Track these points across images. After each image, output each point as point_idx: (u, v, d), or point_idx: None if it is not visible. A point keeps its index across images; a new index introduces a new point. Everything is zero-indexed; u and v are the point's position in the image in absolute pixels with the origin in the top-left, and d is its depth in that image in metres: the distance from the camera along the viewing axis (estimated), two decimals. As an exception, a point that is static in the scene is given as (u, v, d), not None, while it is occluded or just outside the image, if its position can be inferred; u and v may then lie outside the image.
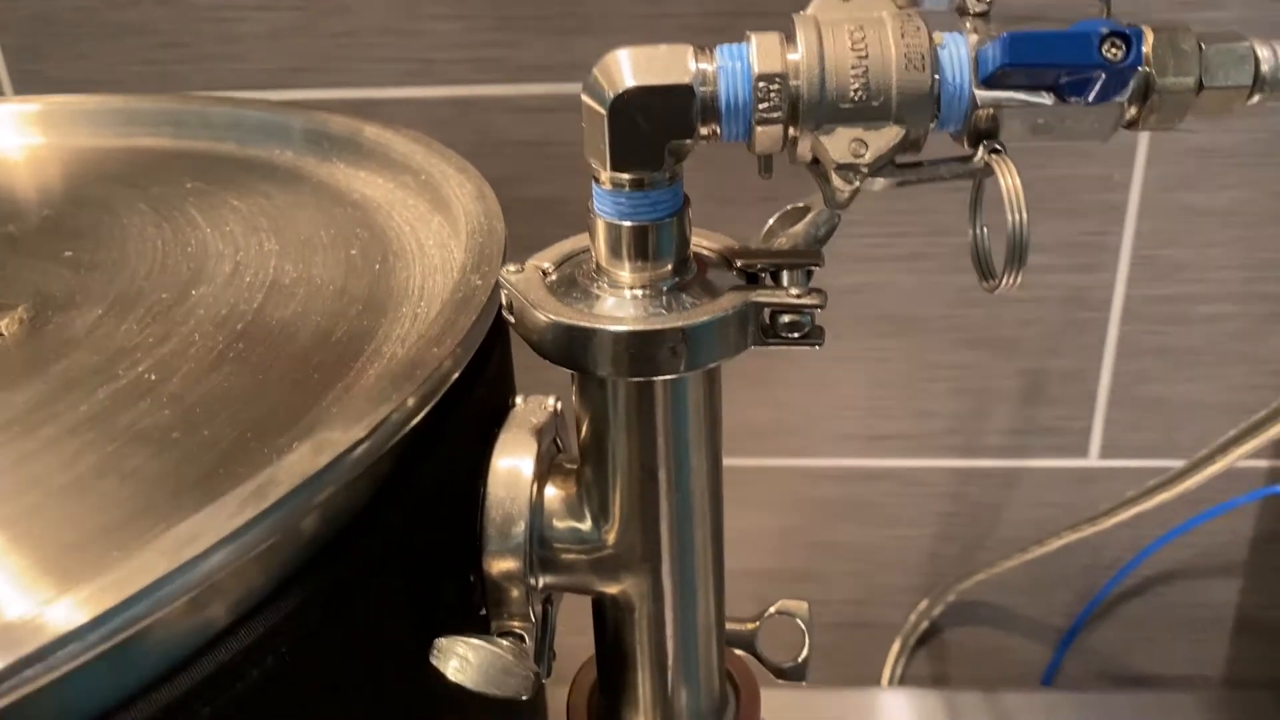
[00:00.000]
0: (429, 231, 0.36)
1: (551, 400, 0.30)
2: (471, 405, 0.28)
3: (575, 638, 0.34)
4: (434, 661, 0.26)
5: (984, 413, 0.69)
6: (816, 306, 0.24)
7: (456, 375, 0.27)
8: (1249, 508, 0.70)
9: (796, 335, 0.25)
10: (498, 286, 0.29)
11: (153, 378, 0.27)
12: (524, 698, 0.26)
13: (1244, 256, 0.63)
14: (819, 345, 0.25)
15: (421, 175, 0.37)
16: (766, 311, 0.25)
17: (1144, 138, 0.60)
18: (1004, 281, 0.23)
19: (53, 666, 0.18)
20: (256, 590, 0.22)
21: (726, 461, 0.30)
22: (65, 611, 0.18)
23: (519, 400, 0.30)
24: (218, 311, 0.30)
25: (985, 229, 0.25)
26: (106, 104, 0.44)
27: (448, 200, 0.35)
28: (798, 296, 0.24)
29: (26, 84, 0.59)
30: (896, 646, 0.74)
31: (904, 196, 0.62)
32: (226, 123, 0.42)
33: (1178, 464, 0.56)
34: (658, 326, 0.24)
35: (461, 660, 0.26)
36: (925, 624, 0.74)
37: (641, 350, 0.24)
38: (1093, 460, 0.70)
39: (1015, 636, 0.76)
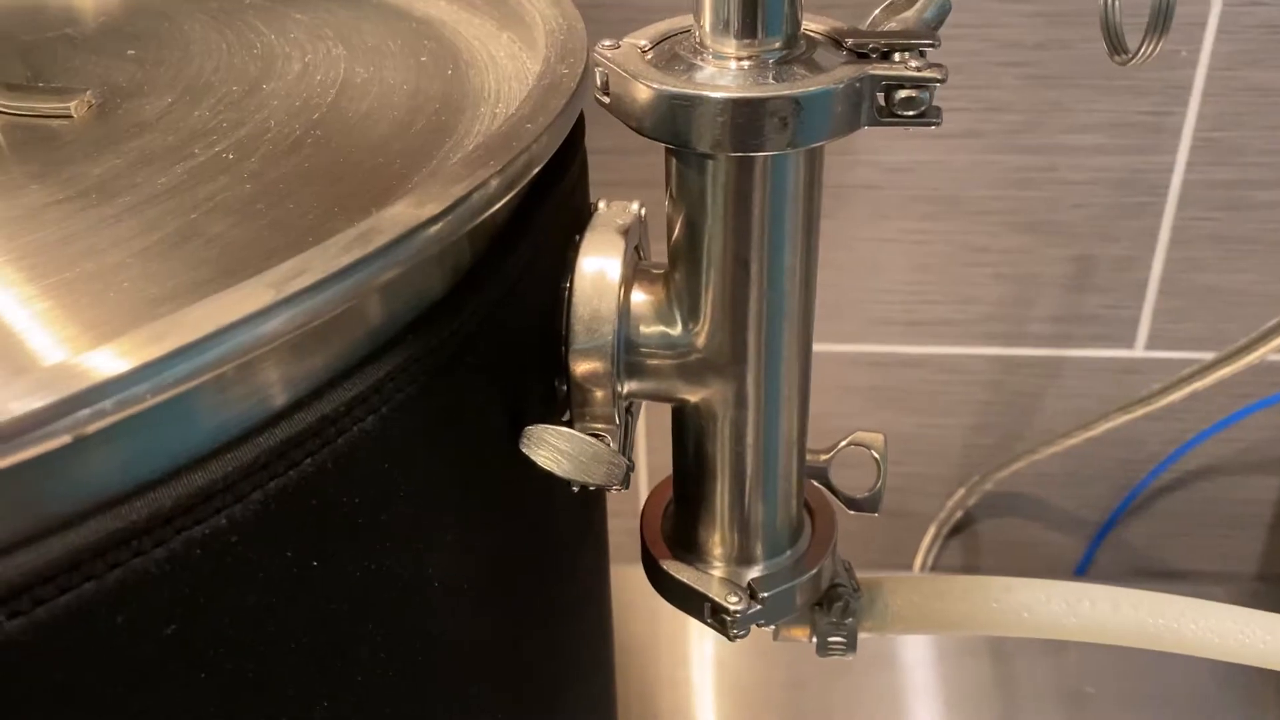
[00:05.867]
0: (499, 45, 0.34)
1: (635, 204, 0.29)
2: (553, 204, 0.27)
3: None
4: (524, 449, 0.25)
5: (1029, 300, 0.67)
6: (938, 80, 0.23)
7: (546, 161, 0.25)
8: (1294, 403, 0.69)
9: (912, 114, 0.23)
10: (583, 81, 0.27)
11: (230, 157, 0.26)
12: (616, 488, 0.25)
13: (1308, 141, 0.62)
14: (936, 124, 0.24)
15: (489, -9, 0.36)
16: (881, 89, 0.24)
17: (1215, 10, 0.58)
18: (1143, 51, 0.22)
19: (163, 386, 0.17)
20: (319, 372, 0.21)
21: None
22: (168, 330, 0.17)
23: (601, 204, 0.29)
24: (291, 103, 0.29)
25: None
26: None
27: (518, 12, 0.34)
28: (918, 70, 0.23)
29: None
30: (930, 535, 0.74)
31: (960, 69, 0.60)
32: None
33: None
34: (769, 94, 0.23)
35: (552, 449, 0.25)
36: (959, 513, 0.74)
37: (750, 120, 0.23)
38: (1138, 351, 0.69)
39: (1050, 529, 0.76)
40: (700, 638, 0.67)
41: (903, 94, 0.23)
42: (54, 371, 0.17)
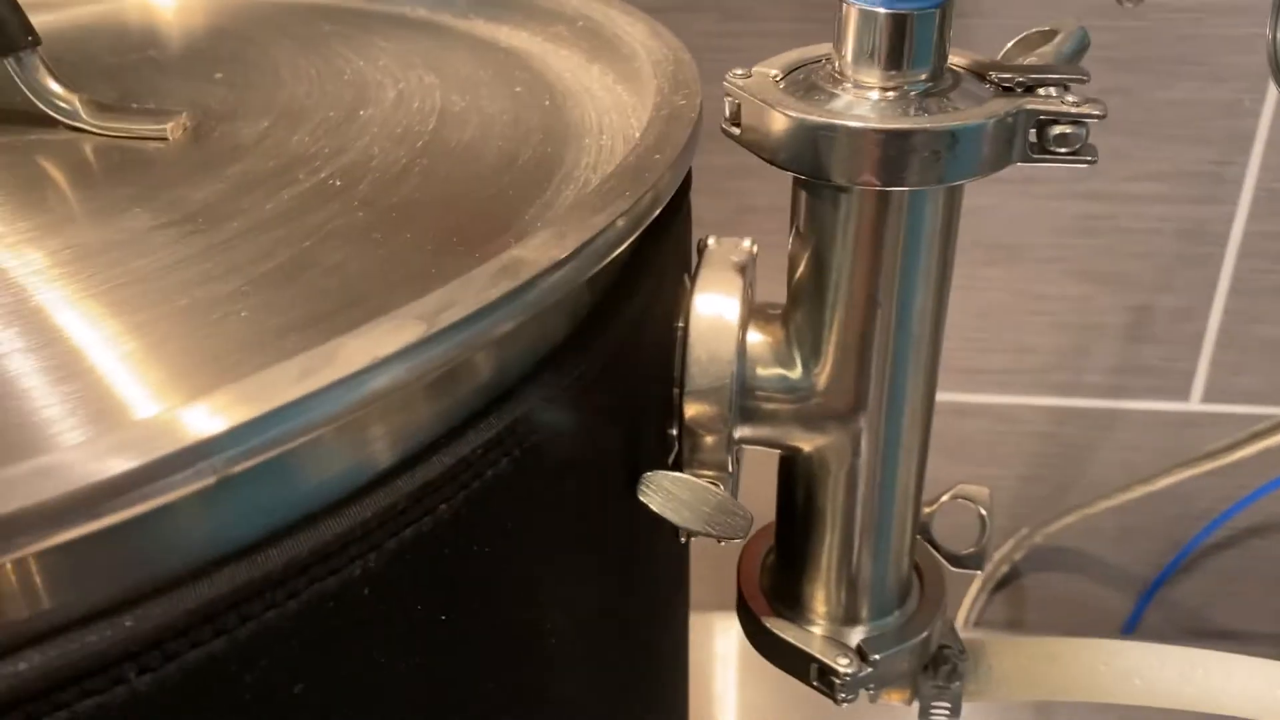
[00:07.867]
0: (590, 76, 0.33)
1: (747, 241, 0.28)
2: (671, 239, 0.26)
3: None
4: (642, 497, 0.24)
5: (1085, 349, 0.66)
6: (1097, 116, 0.22)
7: (670, 196, 0.24)
8: (1354, 460, 0.68)
9: (1066, 150, 0.22)
10: (701, 112, 0.26)
11: (338, 183, 0.25)
12: (740, 539, 0.24)
13: (1372, 193, 0.61)
14: (1092, 162, 0.22)
15: (578, 22, 0.35)
16: (1035, 125, 0.22)
17: (1280, 60, 0.57)
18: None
19: (308, 427, 0.16)
20: (425, 428, 0.19)
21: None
22: (318, 365, 0.16)
23: (712, 241, 0.28)
24: (392, 130, 0.28)
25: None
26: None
27: (613, 44, 0.33)
28: (1075, 105, 0.22)
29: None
30: (975, 588, 0.72)
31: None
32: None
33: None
34: (924, 126, 0.22)
35: (671, 496, 0.23)
36: (1006, 567, 0.72)
37: (900, 153, 0.22)
38: (1194, 404, 0.67)
39: (1098, 584, 0.74)
40: (725, 673, 0.65)
41: (1058, 130, 0.22)
42: (191, 413, 0.15)
